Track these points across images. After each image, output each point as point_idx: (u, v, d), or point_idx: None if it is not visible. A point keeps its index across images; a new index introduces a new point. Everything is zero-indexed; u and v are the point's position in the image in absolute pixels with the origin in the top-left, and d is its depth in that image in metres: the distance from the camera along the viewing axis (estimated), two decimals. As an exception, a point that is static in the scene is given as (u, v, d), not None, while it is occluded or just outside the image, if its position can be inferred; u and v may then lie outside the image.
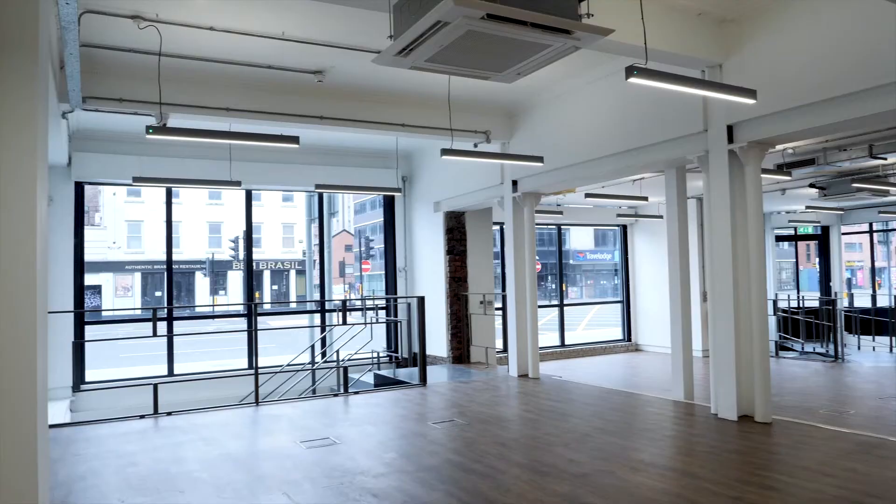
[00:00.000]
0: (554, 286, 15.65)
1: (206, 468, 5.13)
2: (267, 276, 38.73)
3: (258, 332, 8.08)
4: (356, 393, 8.36)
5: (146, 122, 7.87)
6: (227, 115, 7.66)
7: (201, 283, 36.84)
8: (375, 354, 11.43)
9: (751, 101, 5.30)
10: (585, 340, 15.40)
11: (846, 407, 8.01)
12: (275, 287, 39.09)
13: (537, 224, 14.47)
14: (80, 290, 10.02)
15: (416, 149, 12.07)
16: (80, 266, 10.03)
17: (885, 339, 13.91)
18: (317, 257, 12.71)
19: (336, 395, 8.31)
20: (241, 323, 13.16)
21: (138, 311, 29.16)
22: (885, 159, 8.97)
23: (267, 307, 29.66)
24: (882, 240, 18.20)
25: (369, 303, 13.48)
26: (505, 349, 11.15)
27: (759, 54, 6.05)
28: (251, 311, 8.43)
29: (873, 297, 17.67)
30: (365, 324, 9.70)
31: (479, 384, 8.91)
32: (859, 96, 5.28)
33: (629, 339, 15.34)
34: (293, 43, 6.54)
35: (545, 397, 7.81)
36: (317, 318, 12.41)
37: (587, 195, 11.03)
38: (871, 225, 17.30)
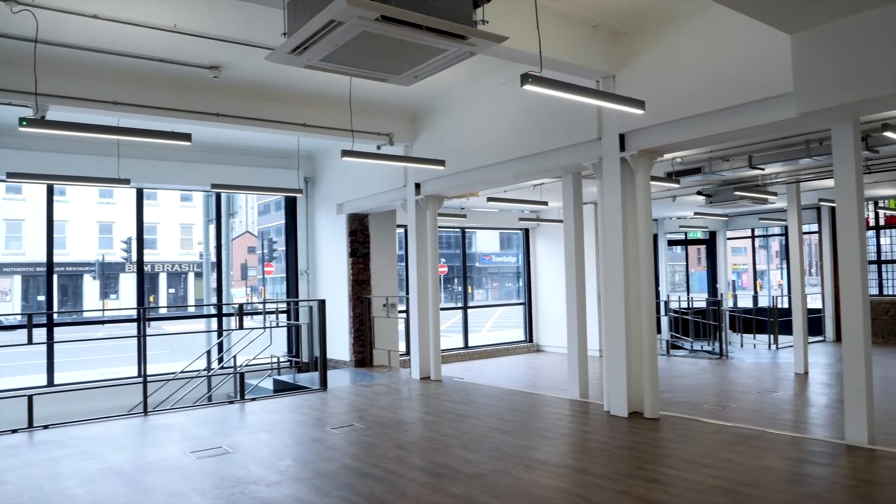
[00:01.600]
0: (460, 288, 15.81)
1: (85, 484, 4.82)
2: (163, 278, 37.01)
3: (147, 338, 7.69)
4: (253, 399, 8.12)
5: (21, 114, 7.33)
6: (115, 109, 7.25)
7: (90, 286, 34.73)
8: (275, 359, 11.14)
9: (640, 112, 5.54)
10: (489, 342, 15.64)
11: (728, 401, 8.50)
12: (172, 290, 37.40)
13: (442, 227, 14.61)
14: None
15: (318, 149, 11.88)
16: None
17: (765, 337, 14.88)
18: (215, 259, 12.25)
19: (232, 403, 8.03)
20: (134, 328, 12.50)
21: (18, 317, 27.14)
22: (763, 169, 9.60)
23: (162, 311, 28.35)
24: (763, 244, 19.46)
25: (270, 306, 13.13)
26: (408, 352, 11.15)
27: (649, 67, 6.34)
28: (140, 316, 8.01)
29: (755, 298, 18.88)
30: (264, 328, 9.44)
31: (380, 387, 8.86)
32: (739, 110, 5.63)
33: (531, 341, 15.71)
34: (186, 36, 6.28)
35: (446, 399, 7.85)
36: (214, 322, 11.96)
37: (489, 199, 11.20)
38: (753, 231, 18.50)
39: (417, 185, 9.57)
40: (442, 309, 13.99)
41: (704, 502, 4.08)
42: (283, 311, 12.59)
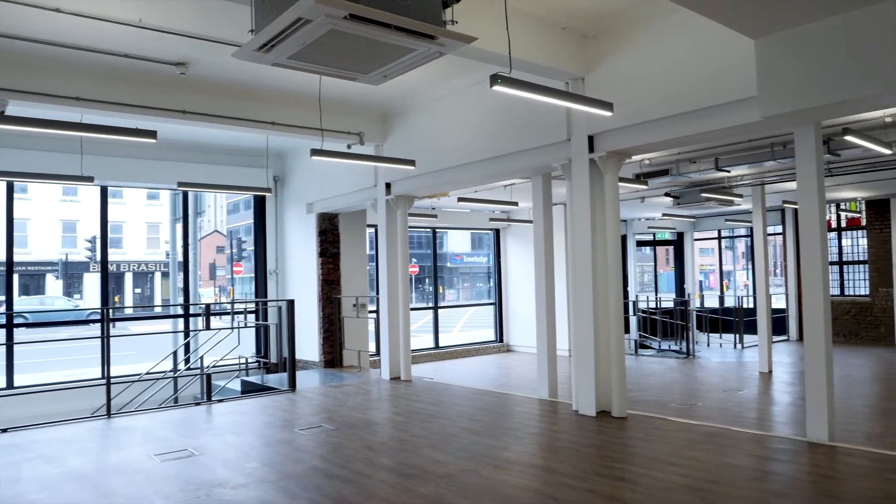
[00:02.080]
0: (431, 288, 15.81)
1: (45, 488, 4.71)
2: (129, 278, 36.35)
3: (111, 338, 7.55)
4: (220, 401, 8.01)
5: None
6: (78, 104, 7.09)
7: (53, 286, 33.96)
8: (243, 360, 11.01)
9: (608, 114, 5.59)
10: (459, 342, 15.66)
11: (695, 400, 8.63)
12: (138, 290, 36.75)
13: (413, 227, 14.58)
14: None
15: (288, 148, 11.77)
16: None
17: (731, 337, 15.13)
18: (182, 259, 12.06)
19: (198, 404, 7.92)
20: (98, 329, 12.25)
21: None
22: (729, 172, 9.77)
23: (126, 312, 27.86)
24: (729, 245, 19.78)
25: (238, 306, 12.97)
26: (378, 352, 11.11)
27: (618, 70, 6.40)
28: (104, 317, 7.85)
29: (721, 298, 19.20)
30: (232, 328, 9.32)
31: (350, 388, 8.81)
32: (705, 113, 5.71)
33: (501, 341, 15.76)
34: (152, 32, 6.16)
35: (416, 399, 7.84)
36: (181, 323, 11.78)
37: (460, 199, 11.21)
38: (719, 232, 18.81)
39: (388, 185, 9.54)
40: (412, 309, 13.97)
41: (671, 500, 4.13)
42: (251, 312, 12.45)
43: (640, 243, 18.43)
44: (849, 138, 6.80)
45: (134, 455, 5.57)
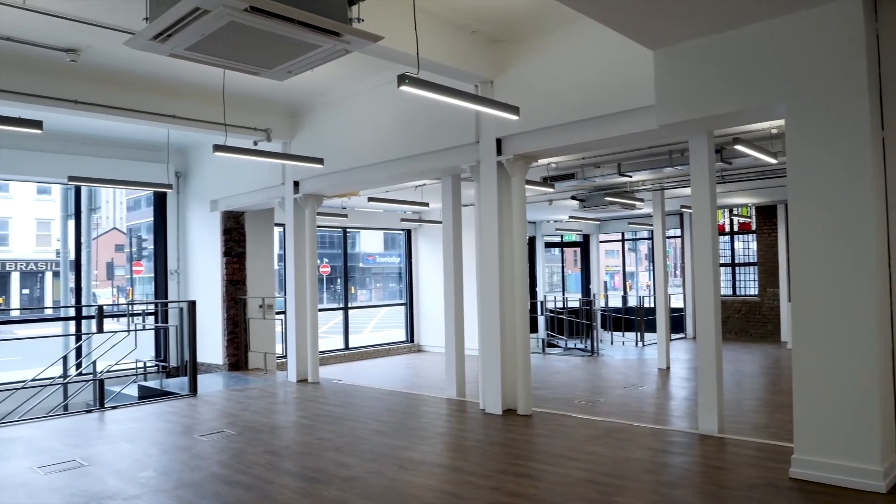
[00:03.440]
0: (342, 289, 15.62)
1: None
2: (16, 278, 33.97)
3: (-8, 343, 7.01)
4: (114, 408, 7.61)
5: None
6: (-46, 91, 6.57)
7: (-70, 286, 31.31)
8: (141, 365, 10.50)
9: (514, 118, 5.68)
10: (370, 343, 15.54)
11: (598, 396, 8.90)
12: (26, 291, 34.40)
13: (325, 226, 14.36)
14: None
15: (191, 143, 11.31)
16: None
17: (632, 335, 15.75)
18: (74, 258, 11.36)
19: (90, 412, 7.49)
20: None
21: None
22: (631, 177, 10.16)
23: (11, 314, 26.05)
24: (632, 248, 20.57)
25: (137, 308, 12.36)
26: (285, 354, 10.86)
27: (525, 74, 6.52)
28: (-16, 320, 7.30)
29: (624, 298, 19.97)
30: (128, 331, 8.87)
31: (254, 391, 8.57)
32: (607, 119, 5.91)
33: (412, 341, 15.77)
34: (38, 15, 5.76)
35: (323, 402, 7.71)
36: (73, 325, 11.10)
37: (370, 199, 11.13)
38: (623, 234, 19.54)
39: (296, 184, 9.34)
40: (322, 310, 13.75)
41: (570, 494, 4.24)
42: (150, 314, 11.89)
43: (549, 245, 18.89)
44: (739, 147, 7.21)
45: (15, 468, 5.20)
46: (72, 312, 11.05)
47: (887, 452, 4.20)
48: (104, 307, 8.87)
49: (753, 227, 15.90)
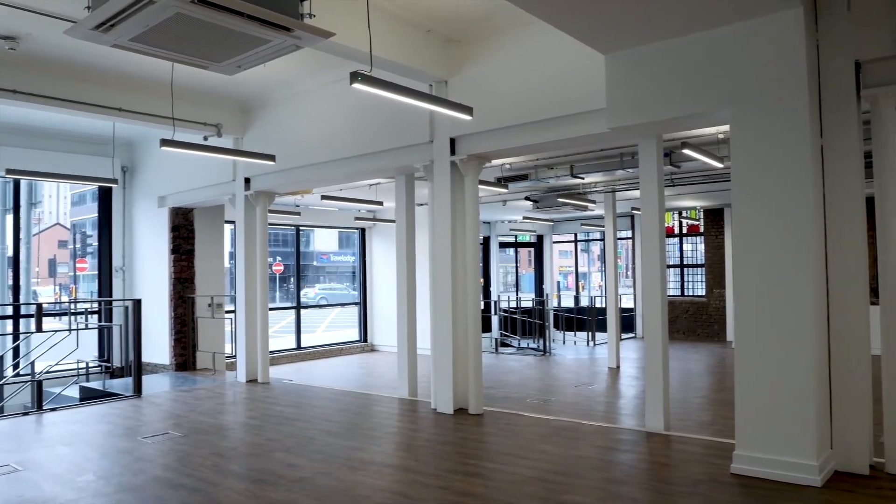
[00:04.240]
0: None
1: None
2: (-48, 275, 32.56)
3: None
4: (53, 410, 7.36)
5: None
6: None
7: None
8: (83, 365, 10.17)
9: (467, 118, 5.69)
10: (323, 342, 15.38)
11: (549, 395, 8.99)
12: (-38, 288, 33.02)
13: (279, 224, 14.15)
14: None
15: (139, 137, 11.00)
16: None
17: (584, 335, 15.96)
18: (12, 254, 10.93)
19: (27, 414, 7.22)
20: None
21: None
22: (584, 179, 10.29)
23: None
24: (584, 248, 20.83)
25: (80, 306, 11.97)
26: (234, 354, 10.66)
27: (479, 75, 6.55)
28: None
29: (576, 298, 20.22)
30: (69, 330, 8.57)
31: (202, 392, 8.39)
32: (559, 121, 5.97)
33: (365, 340, 15.67)
34: (-26, 0, 5.53)
35: (273, 402, 7.60)
36: (10, 324, 10.68)
37: (323, 197, 11.01)
38: (576, 235, 19.79)
39: (247, 180, 9.18)
40: (274, 308, 13.56)
41: (519, 492, 4.27)
42: (93, 312, 11.52)
43: (503, 245, 19.01)
44: (686, 151, 7.37)
45: (-56, 473, 4.97)
46: (10, 311, 10.63)
47: (822, 448, 4.36)
48: (44, 305, 8.55)
49: (702, 229, 16.29)
